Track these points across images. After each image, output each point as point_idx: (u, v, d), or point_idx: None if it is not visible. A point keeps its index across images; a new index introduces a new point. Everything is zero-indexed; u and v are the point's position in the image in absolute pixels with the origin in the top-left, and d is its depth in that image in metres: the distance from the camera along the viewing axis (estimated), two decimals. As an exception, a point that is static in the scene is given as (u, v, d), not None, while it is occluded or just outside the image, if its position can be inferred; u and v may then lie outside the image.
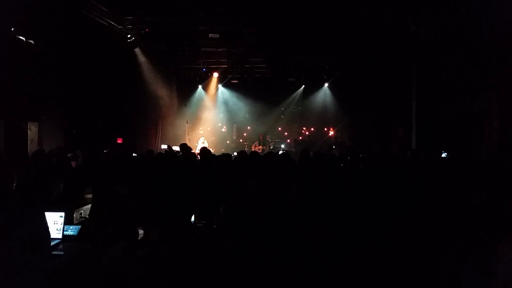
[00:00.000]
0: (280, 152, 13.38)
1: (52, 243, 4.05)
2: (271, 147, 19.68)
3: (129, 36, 13.32)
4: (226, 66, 17.89)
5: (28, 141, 10.09)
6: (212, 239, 3.32)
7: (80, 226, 4.38)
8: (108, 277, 1.90)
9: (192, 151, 9.50)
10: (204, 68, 18.66)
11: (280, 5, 10.94)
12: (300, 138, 21.07)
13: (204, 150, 8.50)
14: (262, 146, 19.32)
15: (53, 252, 3.91)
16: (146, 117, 16.18)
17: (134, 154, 9.45)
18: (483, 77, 8.85)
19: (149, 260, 1.62)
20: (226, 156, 8.17)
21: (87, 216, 5.02)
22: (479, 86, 9.12)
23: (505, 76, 8.15)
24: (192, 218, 4.90)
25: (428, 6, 9.47)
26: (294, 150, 17.60)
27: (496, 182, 4.00)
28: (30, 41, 9.56)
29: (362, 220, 3.13)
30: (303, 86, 20.60)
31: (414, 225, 2.96)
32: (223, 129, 22.21)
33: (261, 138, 20.05)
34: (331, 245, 2.95)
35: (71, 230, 4.32)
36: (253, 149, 17.75)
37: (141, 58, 14.84)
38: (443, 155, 8.61)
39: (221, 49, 15.58)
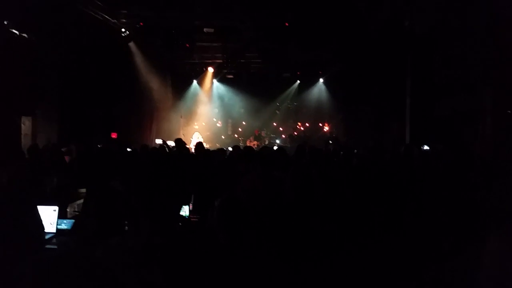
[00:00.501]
0: (275, 147, 13.39)
1: (46, 237, 4.05)
2: (266, 143, 19.68)
3: (123, 30, 13.25)
4: (221, 61, 17.85)
5: (22, 136, 10.04)
6: (207, 234, 3.32)
7: (73, 220, 4.38)
8: (101, 270, 1.90)
9: (186, 146, 9.49)
10: (200, 61, 18.58)
11: (276, 0, 10.91)
12: (295, 133, 21.10)
13: (199, 145, 8.51)
14: (257, 142, 19.32)
15: (47, 246, 3.91)
16: (140, 112, 16.12)
17: (128, 149, 9.44)
18: (478, 73, 8.89)
19: (139, 251, 1.63)
20: (220, 151, 8.19)
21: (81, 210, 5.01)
22: (474, 82, 9.16)
23: (499, 72, 8.18)
24: (187, 213, 4.90)
25: (423, 2, 9.48)
26: (289, 146, 17.62)
27: (490, 177, 4.02)
28: (23, 34, 9.49)
29: (357, 216, 3.14)
30: (298, 81, 20.63)
31: (411, 221, 2.97)
32: (218, 124, 22.20)
33: (256, 133, 20.05)
34: (327, 240, 2.96)
35: (65, 224, 4.32)
36: (248, 144, 17.75)
37: (136, 52, 14.77)
38: (425, 147, 8.69)
39: (216, 44, 15.51)
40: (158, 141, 14.29)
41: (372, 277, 2.75)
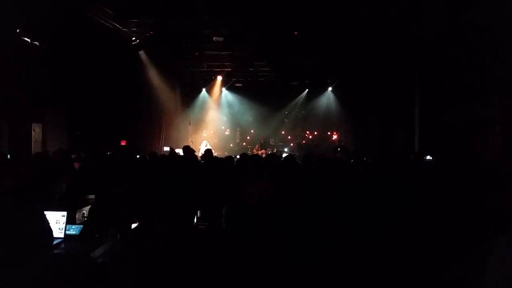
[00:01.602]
0: (284, 155, 13.38)
1: (54, 242, 4.07)
2: (275, 150, 19.66)
3: (133, 38, 13.38)
4: (230, 69, 17.93)
5: (32, 142, 10.13)
6: (214, 240, 3.34)
7: (82, 226, 4.39)
8: (109, 272, 1.92)
9: (195, 153, 9.51)
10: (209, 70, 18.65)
11: (284, 9, 10.96)
12: (303, 142, 21.09)
13: (207, 152, 8.54)
14: (264, 150, 19.27)
15: (55, 251, 3.93)
16: (150, 120, 16.21)
17: (137, 156, 9.49)
18: (486, 81, 8.85)
19: (152, 254, 1.64)
20: (228, 159, 8.22)
21: (89, 216, 5.04)
22: (482, 90, 9.11)
23: (507, 81, 8.14)
24: (194, 220, 4.91)
25: (430, 11, 9.47)
26: (297, 154, 17.60)
27: (498, 185, 3.99)
28: (35, 42, 9.61)
29: (365, 221, 3.14)
30: (307, 90, 20.65)
31: (416, 226, 2.96)
32: (226, 132, 22.26)
33: (261, 141, 20.00)
34: (334, 245, 2.96)
35: (73, 230, 4.34)
36: (255, 153, 17.74)
37: (145, 60, 14.89)
38: (428, 157, 8.64)
39: (225, 53, 15.59)
40: (166, 149, 14.33)
41: (377, 278, 2.74)
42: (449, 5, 8.91)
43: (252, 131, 22.22)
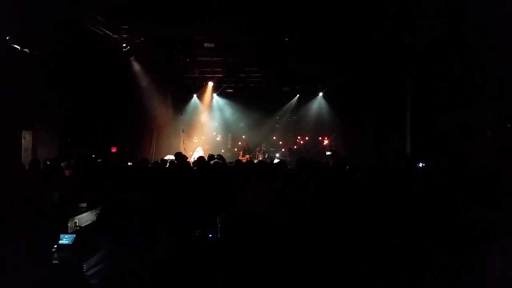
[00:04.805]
0: (276, 161, 13.37)
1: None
2: (266, 156, 19.65)
3: (124, 45, 13.32)
4: (221, 75, 17.93)
5: (22, 150, 10.02)
6: (209, 248, 3.33)
7: (74, 235, 4.34)
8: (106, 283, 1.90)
9: (188, 160, 9.46)
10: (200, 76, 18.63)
11: (276, 15, 11.00)
12: (295, 147, 21.11)
13: (200, 159, 8.53)
14: (249, 155, 19.09)
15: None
16: (140, 126, 16.13)
17: (128, 163, 9.43)
18: (478, 87, 8.93)
19: (159, 265, 1.62)
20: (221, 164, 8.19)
21: (82, 225, 4.99)
22: (474, 95, 9.19)
23: (500, 86, 8.22)
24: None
25: (424, 17, 9.56)
26: (288, 159, 17.60)
27: (489, 190, 4.01)
28: (25, 49, 9.54)
29: (362, 227, 3.15)
30: (298, 95, 20.69)
31: (413, 233, 2.97)
32: (217, 138, 22.21)
33: (245, 147, 19.94)
34: (332, 250, 2.96)
35: (66, 239, 4.28)
36: (241, 159, 17.60)
37: (136, 67, 14.83)
38: (420, 164, 8.71)
39: (216, 58, 15.60)
40: (170, 157, 14.13)
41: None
42: (442, 11, 9.00)
43: (243, 136, 22.21)
